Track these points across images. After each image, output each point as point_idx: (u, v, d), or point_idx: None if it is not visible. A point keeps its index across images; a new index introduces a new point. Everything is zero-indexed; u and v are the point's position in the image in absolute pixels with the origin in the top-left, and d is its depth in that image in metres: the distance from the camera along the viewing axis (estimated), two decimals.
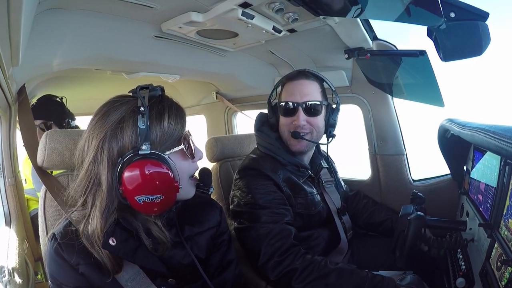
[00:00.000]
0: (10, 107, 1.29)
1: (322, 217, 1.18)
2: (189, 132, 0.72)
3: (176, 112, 0.68)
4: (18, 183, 1.41)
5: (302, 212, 1.12)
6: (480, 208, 0.93)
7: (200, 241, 0.78)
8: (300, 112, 1.09)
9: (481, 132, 0.72)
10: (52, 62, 1.14)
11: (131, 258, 0.66)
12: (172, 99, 0.71)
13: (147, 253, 0.68)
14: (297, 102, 1.09)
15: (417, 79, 1.33)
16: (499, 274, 0.65)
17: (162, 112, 0.65)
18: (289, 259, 0.93)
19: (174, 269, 0.73)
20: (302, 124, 1.09)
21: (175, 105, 0.70)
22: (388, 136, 1.52)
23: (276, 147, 1.15)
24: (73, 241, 0.65)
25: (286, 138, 1.14)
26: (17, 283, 0.95)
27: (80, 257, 0.65)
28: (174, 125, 0.66)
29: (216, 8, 0.98)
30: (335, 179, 1.32)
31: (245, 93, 2.09)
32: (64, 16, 0.94)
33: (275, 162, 1.13)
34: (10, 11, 0.57)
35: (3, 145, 1.33)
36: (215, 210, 0.85)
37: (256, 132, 1.22)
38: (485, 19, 0.79)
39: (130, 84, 2.01)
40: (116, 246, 0.64)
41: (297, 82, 1.13)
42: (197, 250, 0.76)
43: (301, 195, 1.13)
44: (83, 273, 0.65)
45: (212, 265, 0.81)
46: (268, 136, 1.18)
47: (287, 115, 1.12)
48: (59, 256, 0.65)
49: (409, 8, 0.81)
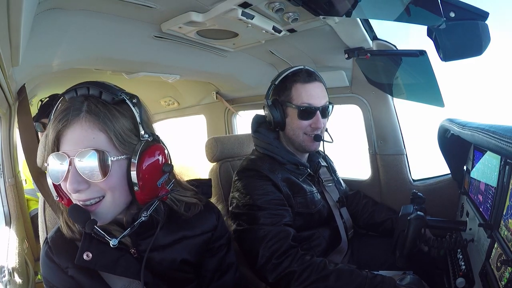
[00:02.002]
0: (10, 107, 1.29)
1: (322, 215, 1.18)
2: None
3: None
4: (18, 183, 1.41)
5: (302, 211, 1.12)
6: (480, 208, 0.92)
7: (190, 244, 0.76)
8: (318, 115, 1.10)
9: (481, 132, 0.71)
10: (52, 62, 1.14)
11: (111, 269, 0.66)
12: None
13: (130, 263, 0.67)
14: (316, 106, 1.09)
15: (417, 79, 1.33)
16: (499, 274, 0.65)
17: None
18: (287, 261, 0.92)
19: (160, 274, 0.72)
20: (321, 126, 1.11)
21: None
22: (388, 136, 1.52)
23: (275, 146, 1.15)
24: (63, 245, 0.66)
25: (301, 140, 1.13)
26: (17, 283, 0.95)
27: (69, 261, 0.66)
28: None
29: (216, 8, 0.98)
30: (334, 178, 1.33)
31: (245, 93, 2.09)
32: (64, 16, 0.94)
33: (274, 162, 1.13)
34: (10, 11, 0.57)
35: (3, 145, 1.33)
36: (212, 214, 0.84)
37: (254, 134, 1.22)
38: (485, 19, 0.79)
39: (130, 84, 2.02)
40: (91, 261, 0.64)
41: (313, 84, 1.11)
42: (186, 253, 0.75)
43: (300, 194, 1.13)
44: (72, 276, 0.66)
45: (208, 270, 0.81)
46: (266, 137, 1.18)
47: (305, 118, 1.10)
48: (50, 260, 0.67)
49: (409, 8, 0.82)
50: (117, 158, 0.60)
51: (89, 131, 0.58)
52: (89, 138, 0.58)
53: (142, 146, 0.62)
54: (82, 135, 0.58)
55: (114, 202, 0.63)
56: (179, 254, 0.74)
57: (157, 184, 0.65)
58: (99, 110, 0.60)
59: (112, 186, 0.61)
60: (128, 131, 0.63)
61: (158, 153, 0.65)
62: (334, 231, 1.19)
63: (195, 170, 2.31)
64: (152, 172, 0.63)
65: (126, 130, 0.62)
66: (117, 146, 0.61)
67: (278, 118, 1.12)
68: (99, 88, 0.61)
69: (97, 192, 0.61)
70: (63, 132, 0.59)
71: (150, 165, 0.63)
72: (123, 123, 0.62)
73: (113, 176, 0.60)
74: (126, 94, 0.64)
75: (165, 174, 0.67)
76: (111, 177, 0.60)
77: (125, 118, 0.63)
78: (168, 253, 0.73)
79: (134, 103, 0.64)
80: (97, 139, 0.59)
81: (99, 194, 0.61)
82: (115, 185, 0.61)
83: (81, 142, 0.58)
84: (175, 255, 0.73)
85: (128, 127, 0.63)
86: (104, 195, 0.62)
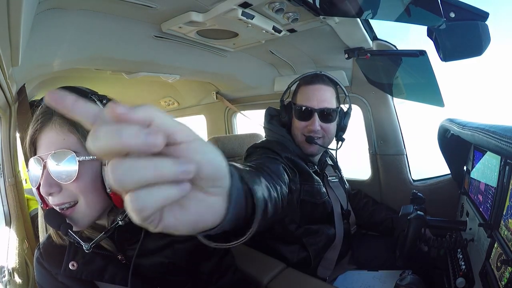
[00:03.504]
0: (10, 107, 1.29)
1: (326, 210, 1.18)
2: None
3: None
4: (18, 183, 1.41)
5: (306, 199, 1.11)
6: (480, 208, 0.92)
7: (181, 248, 0.75)
8: (315, 117, 1.10)
9: (481, 132, 0.71)
10: (52, 62, 1.13)
11: (98, 277, 0.66)
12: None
13: (117, 269, 0.67)
14: (313, 107, 1.09)
15: (417, 79, 1.33)
16: (499, 274, 0.65)
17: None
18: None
19: (150, 279, 0.71)
20: (316, 129, 1.10)
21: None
22: (388, 136, 1.52)
23: (287, 139, 1.16)
24: (53, 252, 0.67)
25: (299, 141, 1.15)
26: (17, 283, 0.95)
27: (58, 268, 0.66)
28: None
29: (216, 8, 0.98)
30: (339, 176, 1.33)
31: (245, 93, 2.09)
32: (64, 16, 0.94)
33: (285, 148, 1.12)
34: (10, 11, 0.57)
35: (3, 145, 1.33)
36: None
37: (267, 125, 1.22)
38: (485, 19, 0.79)
39: (130, 84, 2.01)
40: (77, 270, 0.64)
41: (315, 86, 1.12)
42: (176, 257, 0.74)
43: (309, 182, 1.12)
44: (62, 282, 0.66)
45: (204, 272, 0.80)
46: (278, 129, 1.19)
47: (301, 119, 1.12)
48: (41, 265, 0.67)
49: (409, 8, 0.82)
50: (86, 158, 0.58)
51: (60, 133, 0.59)
52: (60, 140, 0.59)
53: None
54: (54, 138, 0.59)
55: (89, 207, 0.61)
56: (168, 259, 0.73)
57: None
58: None
59: (83, 189, 0.59)
60: None
61: None
62: (335, 228, 1.19)
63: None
64: None
65: None
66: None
67: (285, 117, 1.17)
68: (69, 91, 0.60)
69: (69, 197, 0.59)
70: (37, 137, 0.60)
71: None
72: None
73: (84, 177, 0.58)
74: (98, 96, 0.64)
75: None
76: (82, 179, 0.58)
77: None
78: (157, 258, 0.72)
79: (104, 103, 0.62)
80: (67, 140, 0.59)
81: (72, 199, 0.60)
82: (87, 187, 0.59)
83: (52, 144, 0.58)
84: (164, 259, 0.72)
85: None
86: (78, 200, 0.60)
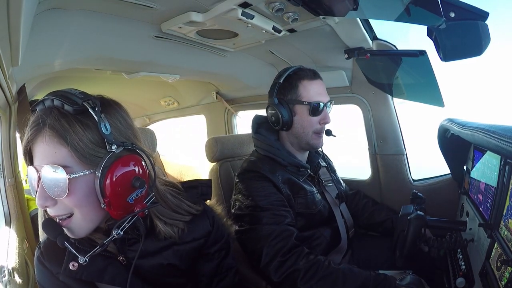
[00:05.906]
0: (10, 107, 1.29)
1: (323, 215, 1.18)
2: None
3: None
4: (18, 183, 1.41)
5: (303, 211, 1.12)
6: (480, 208, 0.92)
7: (180, 250, 0.75)
8: (326, 111, 1.14)
9: (481, 132, 0.71)
10: (52, 62, 1.14)
11: (98, 278, 0.65)
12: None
13: (117, 271, 0.66)
14: (324, 102, 1.13)
15: (417, 79, 1.33)
16: (499, 274, 0.65)
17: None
18: (292, 259, 0.92)
19: (150, 281, 0.71)
20: (330, 120, 1.15)
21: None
22: (388, 136, 1.52)
23: (276, 148, 1.15)
24: (54, 251, 0.66)
25: (310, 137, 1.14)
26: (17, 283, 0.95)
27: (59, 267, 0.65)
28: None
29: (216, 8, 0.98)
30: (334, 178, 1.33)
31: (245, 93, 2.09)
32: (64, 16, 0.94)
33: (274, 163, 1.13)
34: (10, 11, 0.57)
35: (3, 145, 1.33)
36: (205, 220, 0.80)
37: (254, 135, 1.22)
38: (485, 19, 0.79)
39: (130, 84, 2.00)
40: (77, 271, 0.63)
41: (318, 82, 1.15)
42: (175, 259, 0.74)
43: (300, 195, 1.13)
44: (63, 281, 0.66)
45: (204, 275, 0.80)
46: (267, 138, 1.18)
47: (316, 114, 1.12)
48: (42, 264, 0.67)
49: (409, 8, 0.82)
50: (78, 174, 0.56)
51: (50, 145, 0.56)
52: (51, 153, 0.56)
53: (107, 160, 0.57)
54: (45, 151, 0.56)
55: (84, 219, 0.60)
56: (167, 260, 0.73)
57: (127, 200, 0.59)
58: (58, 123, 0.56)
59: (77, 203, 0.57)
60: (91, 143, 0.57)
61: (128, 166, 0.59)
62: (334, 231, 1.19)
63: (196, 170, 2.31)
64: (118, 188, 0.57)
65: (89, 142, 0.57)
66: (81, 160, 0.57)
67: (287, 116, 1.12)
68: (61, 99, 0.57)
69: (64, 209, 0.58)
70: (32, 146, 0.58)
71: (116, 180, 0.57)
72: (85, 135, 0.57)
73: (77, 193, 0.56)
74: (91, 101, 0.58)
75: (137, 190, 0.60)
76: (75, 194, 0.56)
77: (89, 130, 0.57)
78: (157, 259, 0.72)
79: (96, 111, 0.57)
80: (58, 154, 0.56)
81: (67, 211, 0.58)
82: (81, 202, 0.58)
83: (45, 157, 0.56)
84: (163, 261, 0.72)
85: (91, 139, 0.57)
86: (73, 212, 0.59)
